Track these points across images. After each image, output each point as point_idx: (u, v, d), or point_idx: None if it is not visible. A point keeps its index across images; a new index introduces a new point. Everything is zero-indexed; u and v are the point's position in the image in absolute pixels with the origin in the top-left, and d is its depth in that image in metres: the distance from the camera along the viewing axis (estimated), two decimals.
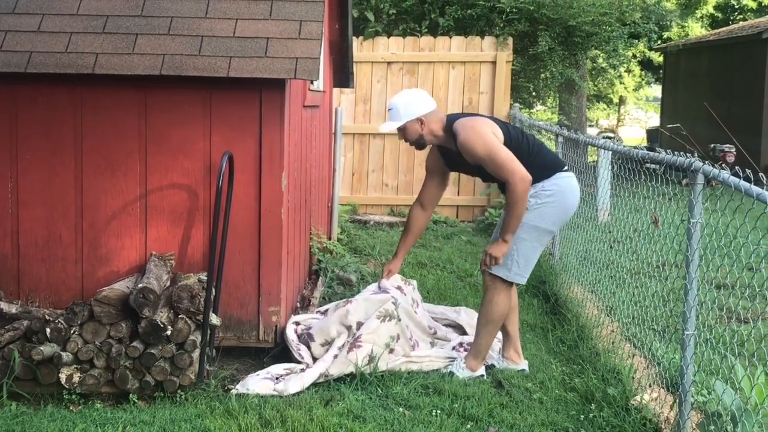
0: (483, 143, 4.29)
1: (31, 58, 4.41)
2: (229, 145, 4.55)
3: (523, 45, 11.13)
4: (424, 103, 4.51)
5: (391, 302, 4.65)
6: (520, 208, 4.26)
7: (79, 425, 3.66)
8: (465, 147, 4.34)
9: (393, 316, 4.60)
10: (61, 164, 4.59)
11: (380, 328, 4.53)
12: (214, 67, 4.43)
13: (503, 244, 4.34)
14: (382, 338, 4.51)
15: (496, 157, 4.27)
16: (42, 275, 4.62)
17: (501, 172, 4.28)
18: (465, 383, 4.36)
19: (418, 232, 4.89)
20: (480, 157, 4.31)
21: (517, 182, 4.22)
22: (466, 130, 4.36)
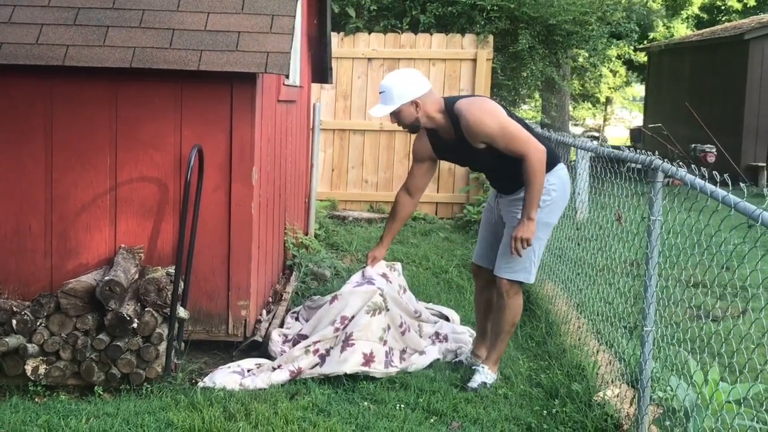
0: (494, 118, 4.16)
1: (1, 49, 4.40)
2: (200, 139, 4.55)
3: (503, 43, 11.17)
4: (419, 85, 4.31)
5: (379, 294, 4.54)
6: (540, 179, 4.11)
7: (43, 416, 3.66)
8: (474, 126, 4.16)
9: (382, 308, 4.51)
10: (31, 156, 4.57)
11: (371, 324, 4.45)
12: (185, 61, 4.43)
13: (530, 222, 4.14)
14: (375, 333, 4.43)
15: (509, 130, 4.14)
16: (11, 267, 4.61)
17: (515, 144, 4.13)
18: (432, 379, 4.38)
19: (404, 218, 4.74)
20: (491, 134, 4.15)
21: (533, 152, 4.09)
22: (473, 110, 4.20)
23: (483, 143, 4.20)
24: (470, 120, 4.17)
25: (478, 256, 4.70)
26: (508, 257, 4.30)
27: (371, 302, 4.48)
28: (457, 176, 10.02)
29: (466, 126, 4.19)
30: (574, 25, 11.12)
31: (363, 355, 4.33)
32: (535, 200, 4.12)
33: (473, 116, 4.17)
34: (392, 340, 4.54)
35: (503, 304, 4.37)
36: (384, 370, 4.36)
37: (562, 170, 4.38)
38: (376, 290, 4.55)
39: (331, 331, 4.47)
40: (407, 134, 9.96)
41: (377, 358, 4.35)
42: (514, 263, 4.30)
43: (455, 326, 5.22)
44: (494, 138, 4.17)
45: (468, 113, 4.19)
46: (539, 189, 4.12)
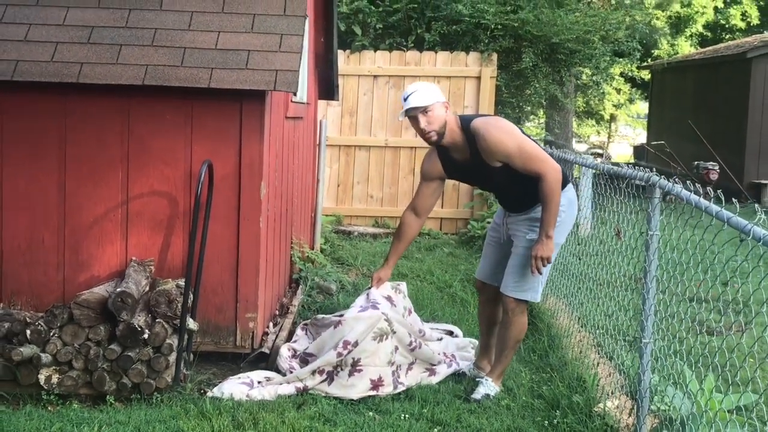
0: (512, 137, 4.23)
1: (17, 67, 4.53)
2: (210, 155, 4.66)
3: (507, 61, 11.29)
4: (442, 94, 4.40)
5: (384, 320, 4.50)
6: (557, 198, 4.19)
7: (56, 424, 3.76)
8: (492, 145, 4.21)
9: (388, 333, 4.49)
10: (45, 170, 4.69)
11: (378, 350, 4.44)
12: (196, 78, 4.55)
13: (548, 240, 4.20)
14: (383, 359, 4.44)
15: (526, 149, 4.21)
16: (24, 279, 4.71)
17: (532, 164, 4.18)
18: (436, 390, 4.47)
19: (410, 239, 4.71)
20: (509, 153, 4.20)
21: (550, 171, 4.16)
22: (491, 129, 4.25)
23: (499, 162, 4.26)
24: (488, 139, 4.21)
25: (483, 273, 4.76)
26: (517, 276, 4.38)
27: (377, 328, 4.46)
28: (461, 192, 10.12)
29: (485, 144, 4.23)
30: (577, 44, 11.25)
31: (371, 381, 4.40)
32: (552, 219, 4.18)
33: (491, 135, 4.22)
34: (400, 357, 4.60)
35: (509, 321, 4.45)
36: (393, 391, 4.45)
37: (570, 191, 4.45)
38: (380, 316, 4.50)
39: (334, 356, 4.44)
40: (412, 150, 10.12)
41: (386, 381, 4.43)
42: (522, 282, 4.38)
43: (459, 340, 5.30)
44: (512, 157, 4.22)
45: (486, 132, 4.22)
46: (556, 208, 4.20)
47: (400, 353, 4.59)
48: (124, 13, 4.82)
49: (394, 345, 4.52)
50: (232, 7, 4.90)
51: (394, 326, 4.55)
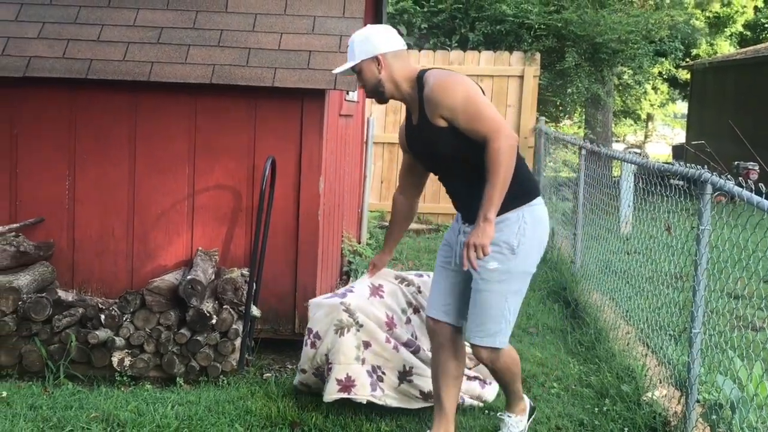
0: (464, 89, 3.35)
1: (91, 66, 4.77)
2: (272, 151, 4.88)
3: (550, 60, 11.42)
4: (386, 41, 3.58)
5: (342, 310, 3.93)
6: (506, 172, 3.23)
7: (132, 403, 3.99)
8: (435, 92, 3.37)
9: (350, 325, 3.92)
10: (116, 164, 4.93)
11: (341, 345, 3.90)
12: (260, 78, 4.77)
13: (487, 224, 3.23)
14: (348, 355, 3.90)
15: (476, 105, 3.32)
16: (95, 267, 4.96)
17: (479, 124, 3.29)
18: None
19: (402, 221, 3.97)
20: (453, 104, 3.33)
21: (501, 137, 3.22)
22: (439, 75, 3.45)
23: (443, 120, 3.38)
24: (432, 85, 3.40)
25: (433, 306, 3.73)
26: (481, 318, 3.48)
27: (336, 320, 3.93)
28: None
29: (427, 92, 3.41)
30: (620, 44, 11.35)
31: (337, 382, 3.88)
32: (496, 197, 3.23)
33: (436, 81, 3.40)
34: (376, 357, 3.96)
35: (494, 371, 3.67)
36: (370, 393, 3.91)
37: (538, 206, 3.51)
38: (338, 305, 3.95)
39: (308, 348, 4.06)
40: None
41: (358, 382, 3.89)
42: (488, 325, 3.47)
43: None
44: (455, 112, 3.33)
45: (433, 77, 3.44)
46: (503, 184, 3.23)
47: (373, 352, 3.96)
48: (192, 14, 5.06)
49: (361, 340, 3.92)
50: (293, 10, 5.11)
51: (359, 318, 3.93)
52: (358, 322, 3.93)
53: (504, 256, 3.40)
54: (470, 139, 3.34)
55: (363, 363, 3.93)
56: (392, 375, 3.99)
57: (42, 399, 3.98)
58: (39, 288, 4.58)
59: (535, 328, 5.74)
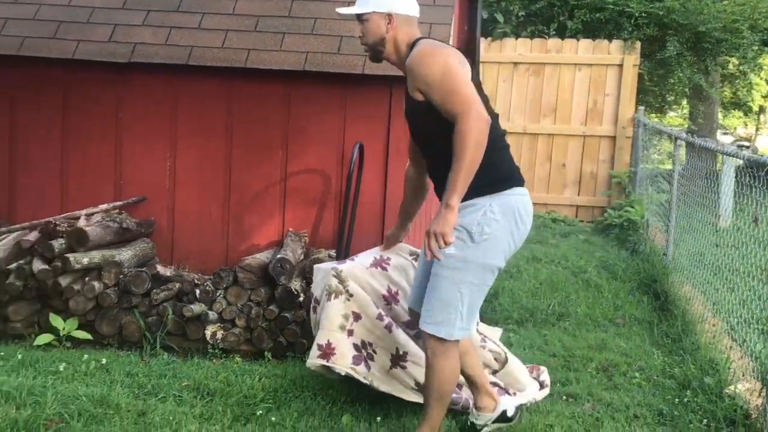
0: (443, 63, 3.15)
1: (192, 53, 5.00)
2: (360, 136, 5.01)
3: (651, 49, 11.17)
4: (404, 1, 3.43)
5: (332, 275, 3.76)
6: (473, 154, 3.00)
7: (222, 373, 4.19)
8: (415, 64, 3.21)
9: (339, 292, 3.73)
10: (214, 148, 5.16)
11: (328, 310, 3.73)
12: (351, 65, 4.90)
13: (448, 211, 3.00)
14: (332, 321, 3.71)
15: (453, 81, 3.10)
16: (193, 245, 5.21)
17: (452, 102, 3.07)
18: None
19: (414, 194, 3.81)
20: (428, 78, 3.15)
21: (470, 118, 3.00)
22: (425, 46, 3.26)
23: (419, 92, 3.22)
24: (413, 54, 3.25)
25: (411, 296, 3.66)
26: (431, 303, 3.28)
27: (327, 285, 3.76)
28: (599, 180, 10.16)
29: (408, 62, 3.26)
30: (724, 33, 11.00)
31: (318, 347, 3.70)
32: (459, 181, 3.00)
33: (418, 50, 3.24)
34: (366, 333, 3.75)
35: (428, 365, 3.34)
36: (350, 366, 3.70)
37: (514, 196, 3.28)
38: (329, 270, 3.79)
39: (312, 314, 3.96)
40: (550, 138, 10.24)
41: (338, 351, 3.69)
42: (435, 312, 3.26)
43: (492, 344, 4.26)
44: (430, 86, 3.14)
45: (418, 46, 3.28)
46: (469, 168, 3.01)
47: (363, 326, 3.75)
48: (287, 3, 5.22)
49: (349, 310, 3.73)
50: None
51: (349, 286, 3.75)
52: (348, 290, 3.73)
53: (462, 242, 3.17)
54: (445, 118, 3.10)
55: (350, 335, 3.72)
56: (384, 356, 3.76)
57: (138, 367, 4.23)
58: (139, 263, 4.85)
59: (622, 319, 5.70)
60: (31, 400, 3.56)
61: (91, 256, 4.61)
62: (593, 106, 10.14)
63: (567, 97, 10.18)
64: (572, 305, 5.95)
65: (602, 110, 10.12)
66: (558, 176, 10.28)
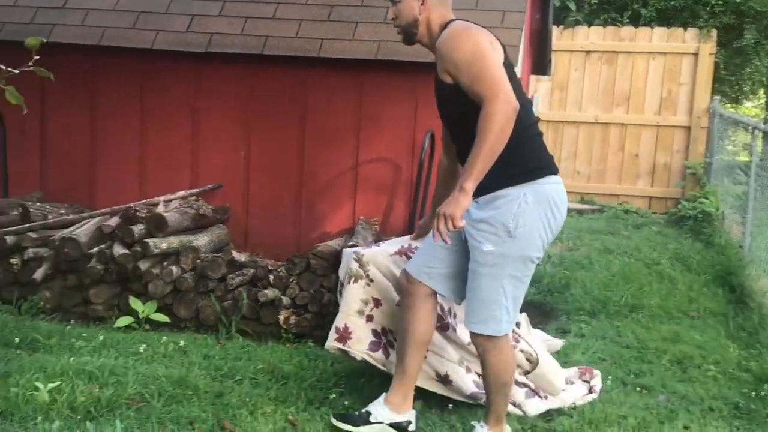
0: (473, 44, 3.05)
1: (266, 42, 5.08)
2: (432, 124, 5.00)
3: (727, 38, 10.91)
4: None
5: (354, 259, 3.69)
6: (495, 139, 2.90)
7: (296, 357, 4.26)
8: (444, 45, 3.13)
9: (359, 276, 3.67)
10: (287, 136, 5.23)
11: (347, 293, 3.69)
12: (423, 54, 4.84)
13: (462, 194, 2.94)
14: (350, 305, 3.66)
15: (483, 63, 2.99)
16: (266, 232, 5.30)
17: (480, 84, 2.97)
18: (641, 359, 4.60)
19: (445, 183, 3.63)
20: (457, 60, 3.06)
21: (497, 101, 2.90)
22: (456, 27, 3.17)
23: (449, 75, 3.13)
24: (444, 36, 3.16)
25: (414, 264, 3.42)
26: (474, 302, 3.20)
27: (348, 268, 3.71)
28: (672, 171, 9.98)
29: (438, 44, 3.18)
30: None
31: (335, 330, 3.68)
32: (478, 164, 2.92)
33: (449, 32, 3.16)
34: (387, 320, 3.68)
35: (482, 360, 3.30)
36: (366, 351, 3.66)
37: (547, 185, 3.17)
38: (351, 254, 3.73)
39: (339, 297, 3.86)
40: (623, 127, 10.08)
41: (354, 336, 3.66)
42: (479, 310, 3.19)
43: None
44: (459, 68, 3.06)
45: (449, 28, 3.19)
46: (489, 153, 2.92)
47: (383, 312, 3.68)
48: None
49: (370, 296, 3.66)
50: None
51: (370, 271, 3.66)
52: (368, 275, 3.65)
53: (499, 238, 3.09)
54: (473, 102, 3.00)
55: (369, 320, 3.66)
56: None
57: (215, 350, 4.32)
58: (215, 249, 4.96)
59: (697, 312, 5.61)
60: (113, 380, 3.67)
61: (169, 241, 4.73)
62: (667, 96, 9.94)
63: (640, 86, 10.01)
64: (645, 297, 5.86)
65: (677, 100, 9.93)
66: (631, 167, 10.12)
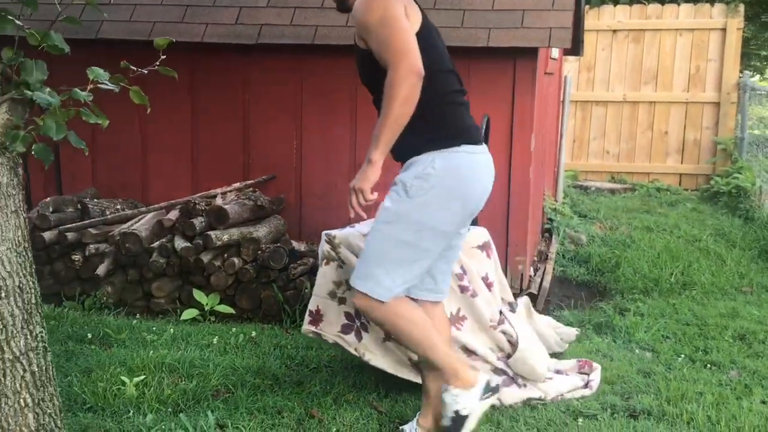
0: (383, 8, 2.87)
1: (317, 32, 5.08)
2: (484, 108, 5.01)
3: (754, 12, 10.87)
4: None
5: (325, 241, 3.57)
6: (399, 109, 2.78)
7: None
8: (356, 8, 2.94)
9: (332, 259, 3.57)
10: (339, 124, 5.25)
11: (320, 274, 3.61)
12: (475, 38, 4.91)
13: (369, 166, 2.89)
14: (321, 287, 3.59)
15: (391, 31, 2.83)
16: (319, 220, 5.32)
17: (386, 51, 2.82)
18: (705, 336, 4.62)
19: None
20: (368, 26, 2.88)
21: (401, 68, 2.77)
22: None
23: (362, 39, 2.98)
24: (358, 0, 2.96)
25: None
26: (362, 256, 3.08)
27: (321, 250, 3.62)
28: (702, 147, 9.96)
29: (354, 6, 2.98)
30: None
31: (309, 313, 3.62)
32: (383, 136, 2.83)
33: None
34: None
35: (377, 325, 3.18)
36: (337, 333, 3.57)
37: (462, 154, 3.01)
38: (323, 235, 3.61)
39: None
40: (651, 105, 10.06)
41: (326, 318, 3.59)
42: (363, 264, 3.02)
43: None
44: (368, 33, 2.90)
45: None
46: (395, 122, 2.80)
47: None
48: None
49: (341, 278, 3.55)
50: None
51: (341, 253, 3.55)
52: (340, 257, 3.54)
53: (398, 196, 3.00)
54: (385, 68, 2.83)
55: (341, 303, 3.56)
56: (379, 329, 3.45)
57: (285, 339, 4.36)
58: (274, 239, 4.98)
59: (750, 287, 5.62)
60: (194, 372, 3.72)
61: (230, 233, 4.76)
62: (695, 72, 9.91)
63: (668, 63, 9.98)
64: (695, 274, 5.87)
65: (705, 76, 9.89)
66: (660, 144, 10.11)
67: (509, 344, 3.74)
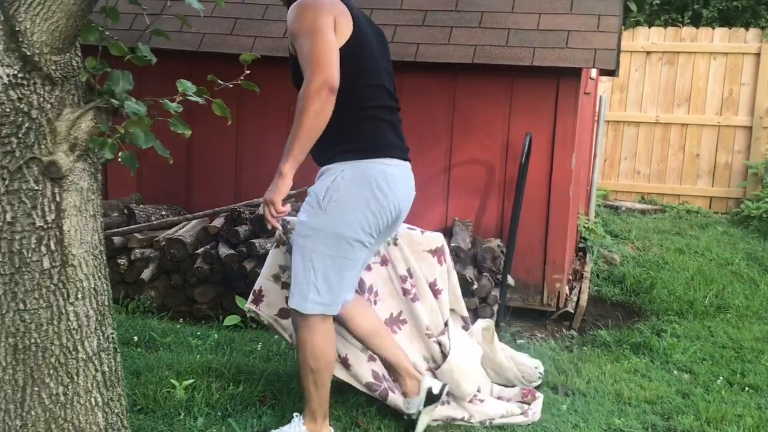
0: (313, 17, 2.86)
1: None
2: (526, 127, 5.09)
3: None
4: None
5: (281, 225, 3.41)
6: (309, 123, 2.79)
7: None
8: (289, 14, 2.96)
9: (282, 243, 3.55)
10: None
11: (270, 256, 3.60)
12: (519, 57, 4.98)
13: (280, 179, 2.88)
14: (269, 267, 3.57)
15: (313, 41, 2.82)
16: None
17: (305, 61, 2.84)
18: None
19: None
20: (295, 35, 2.91)
21: (313, 81, 2.77)
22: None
23: (292, 46, 3.00)
24: (294, 4, 2.97)
25: None
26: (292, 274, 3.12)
27: (276, 234, 3.60)
28: (733, 170, 9.95)
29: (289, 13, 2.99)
30: None
31: (252, 292, 3.60)
32: (293, 148, 2.83)
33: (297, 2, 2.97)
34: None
35: (297, 342, 3.16)
36: (274, 317, 3.56)
37: (372, 164, 3.02)
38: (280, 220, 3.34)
39: None
40: (683, 127, 10.07)
41: (266, 299, 3.57)
42: (293, 282, 3.09)
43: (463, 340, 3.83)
44: (295, 40, 2.92)
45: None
46: (307, 135, 2.81)
47: None
48: None
49: (288, 263, 3.50)
50: None
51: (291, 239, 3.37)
52: (290, 242, 3.44)
53: (312, 209, 3.00)
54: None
55: (284, 287, 3.52)
56: None
57: None
58: None
59: None
60: (240, 378, 3.79)
61: None
62: (728, 96, 9.92)
63: (701, 86, 10.00)
64: (729, 297, 5.89)
65: (738, 100, 9.90)
66: (691, 167, 10.11)
67: (441, 354, 3.66)
